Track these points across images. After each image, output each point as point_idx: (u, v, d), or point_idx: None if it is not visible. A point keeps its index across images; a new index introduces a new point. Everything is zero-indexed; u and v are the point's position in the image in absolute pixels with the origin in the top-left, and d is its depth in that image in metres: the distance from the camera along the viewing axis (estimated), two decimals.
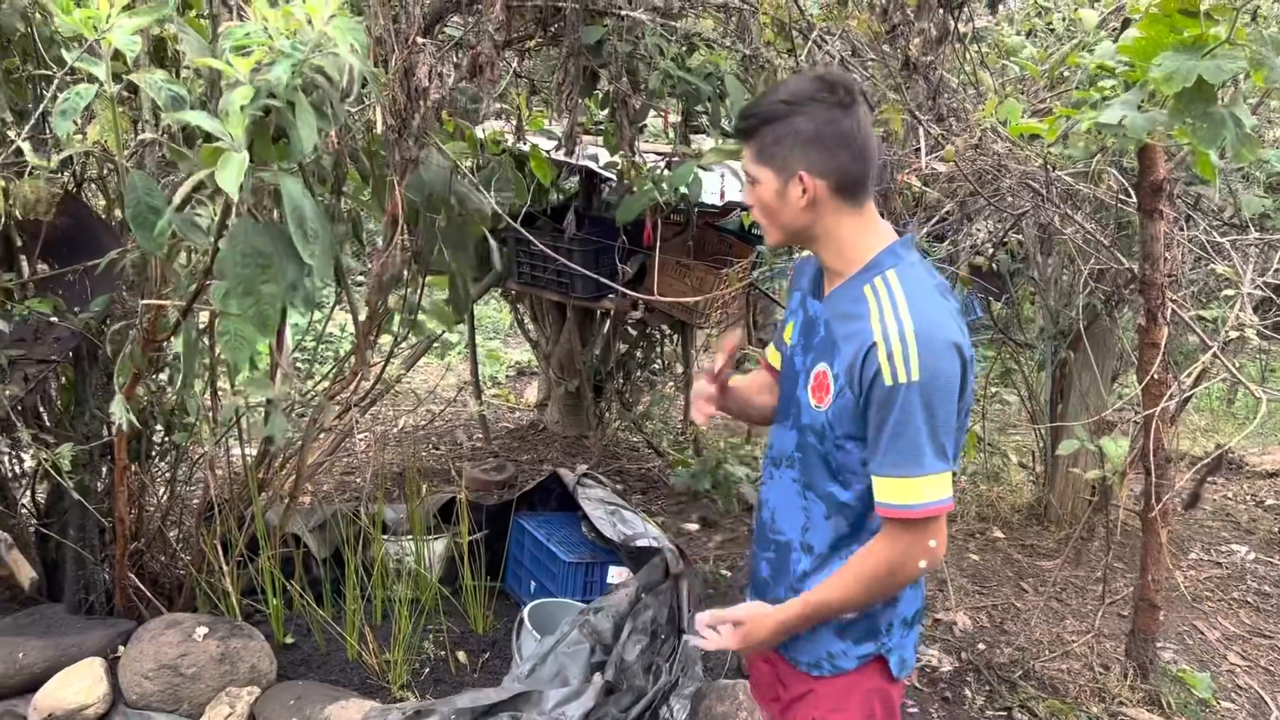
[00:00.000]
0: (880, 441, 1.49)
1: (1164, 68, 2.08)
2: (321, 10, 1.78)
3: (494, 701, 2.39)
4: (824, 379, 1.58)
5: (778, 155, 1.52)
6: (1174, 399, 2.75)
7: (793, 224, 1.57)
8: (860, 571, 1.56)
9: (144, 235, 2.04)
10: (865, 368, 1.48)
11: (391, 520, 3.41)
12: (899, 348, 1.45)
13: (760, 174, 1.55)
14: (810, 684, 1.71)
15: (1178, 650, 3.47)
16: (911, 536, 1.51)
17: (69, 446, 2.56)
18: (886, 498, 1.51)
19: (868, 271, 1.56)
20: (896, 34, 2.73)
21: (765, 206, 1.58)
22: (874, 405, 1.49)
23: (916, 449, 1.46)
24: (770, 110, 1.52)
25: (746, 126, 1.55)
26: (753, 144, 1.55)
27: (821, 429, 1.59)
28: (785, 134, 1.50)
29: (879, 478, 1.51)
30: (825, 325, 1.61)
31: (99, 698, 2.50)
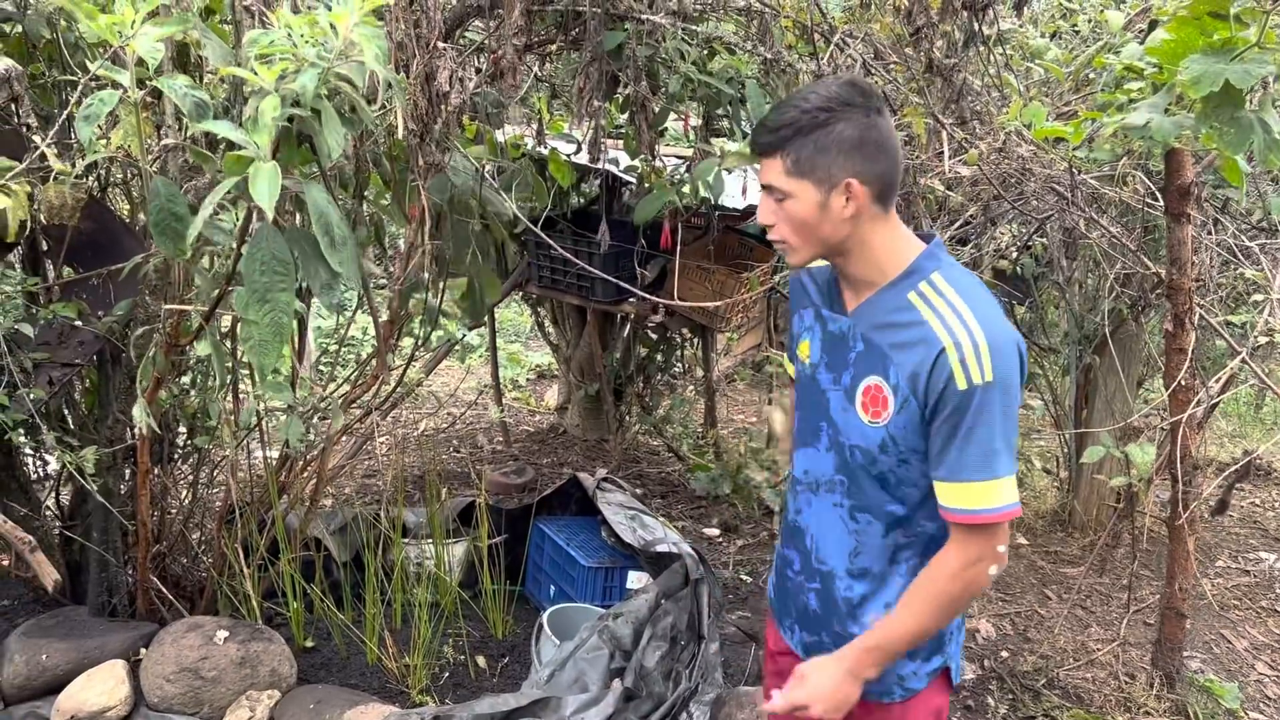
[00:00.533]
0: (952, 447, 1.45)
1: (1191, 71, 2.05)
2: (347, 18, 1.78)
3: (513, 708, 2.39)
4: (879, 393, 1.52)
5: (819, 165, 1.45)
6: (1201, 405, 2.71)
7: (832, 237, 1.50)
8: (932, 591, 1.51)
9: (166, 241, 2.04)
10: (935, 374, 1.44)
11: (412, 523, 3.42)
12: (970, 351, 1.42)
13: (795, 188, 1.46)
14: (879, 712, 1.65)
15: (1205, 659, 3.43)
16: (984, 542, 1.48)
17: (92, 449, 2.58)
18: (961, 503, 1.47)
19: (909, 278, 1.52)
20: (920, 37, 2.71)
21: (800, 222, 1.49)
22: (945, 411, 1.45)
23: (992, 452, 1.44)
24: (807, 120, 1.44)
25: (776, 139, 1.46)
26: (784, 157, 1.46)
27: (881, 445, 1.53)
28: (828, 143, 1.44)
29: (952, 484, 1.47)
30: (863, 339, 1.55)
31: (121, 700, 2.51)
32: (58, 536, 3.02)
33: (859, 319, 1.56)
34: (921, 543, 1.60)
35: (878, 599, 1.61)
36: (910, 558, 1.60)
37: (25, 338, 2.62)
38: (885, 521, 1.58)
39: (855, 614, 1.63)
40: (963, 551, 1.49)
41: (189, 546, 3.15)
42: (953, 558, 1.50)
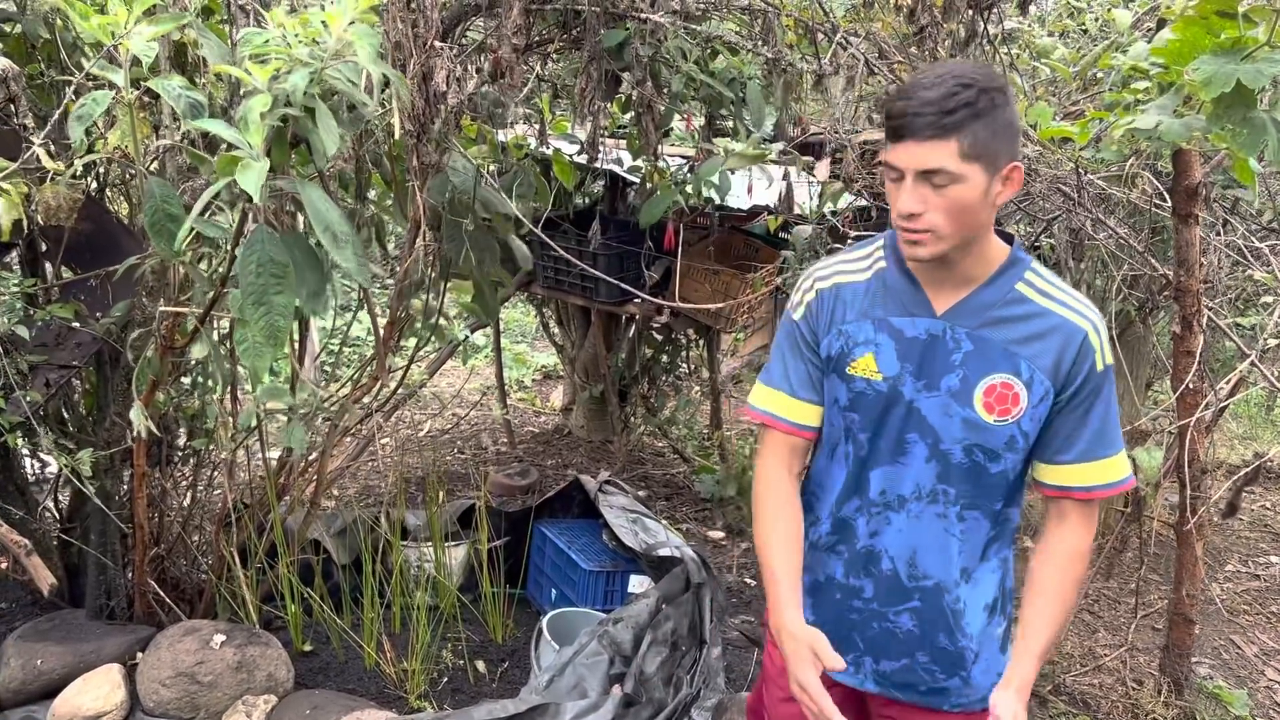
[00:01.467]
0: (1088, 427, 1.50)
1: (1202, 72, 2.02)
2: (340, 18, 1.76)
3: (511, 714, 2.36)
4: (1009, 390, 1.48)
5: (991, 149, 1.38)
6: (1210, 409, 2.67)
7: (982, 224, 1.45)
8: (1071, 578, 1.54)
9: (162, 242, 2.03)
10: (1080, 359, 1.47)
11: (413, 526, 3.40)
12: (1104, 334, 1.48)
13: (968, 171, 1.38)
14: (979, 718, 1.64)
15: (1214, 665, 3.39)
16: (1095, 515, 1.56)
17: (89, 452, 2.56)
18: (1097, 479, 1.51)
19: (1011, 270, 1.51)
20: (924, 36, 2.68)
21: (963, 208, 1.40)
22: (1083, 393, 1.48)
23: (1118, 425, 1.53)
24: (984, 102, 1.37)
25: (954, 121, 1.36)
26: (960, 139, 1.36)
27: (1008, 442, 1.50)
28: (1000, 126, 1.38)
29: (1086, 463, 1.51)
30: (969, 338, 1.50)
31: (116, 705, 2.49)
32: (56, 539, 3.01)
33: (956, 318, 1.51)
34: (1009, 534, 1.62)
35: (975, 603, 1.59)
36: (999, 550, 1.61)
37: (22, 339, 2.61)
38: (990, 518, 1.58)
39: (960, 624, 1.58)
40: (1086, 530, 1.55)
41: (188, 549, 3.14)
42: (1079, 539, 1.54)
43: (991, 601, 1.60)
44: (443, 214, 2.89)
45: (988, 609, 1.59)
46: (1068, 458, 1.51)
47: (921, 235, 1.42)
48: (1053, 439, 1.51)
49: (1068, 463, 1.51)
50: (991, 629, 1.60)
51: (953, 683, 1.61)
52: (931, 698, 1.63)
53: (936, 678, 1.61)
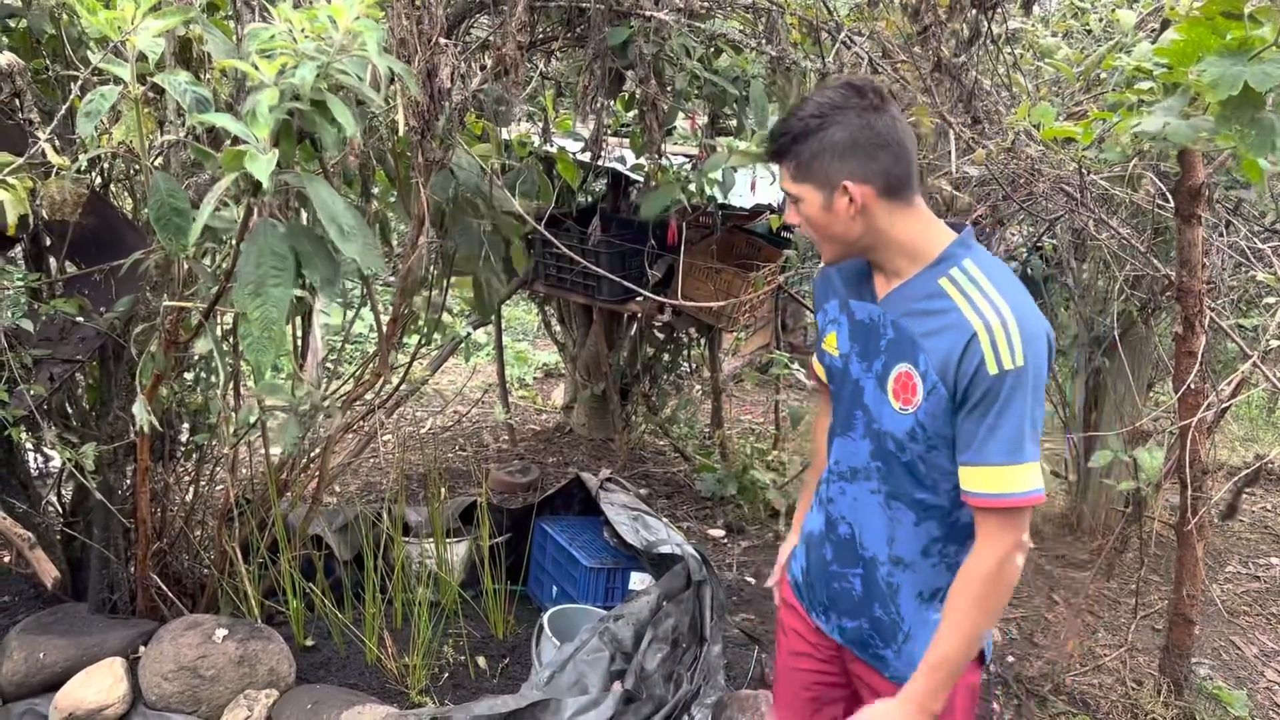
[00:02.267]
0: (981, 431, 1.47)
1: (1209, 73, 2.02)
2: (346, 13, 1.77)
3: (511, 709, 2.37)
4: (909, 379, 1.54)
5: (817, 170, 1.49)
6: (1212, 409, 2.67)
7: (846, 235, 1.55)
8: (971, 595, 1.51)
9: (167, 236, 2.03)
10: (966, 359, 1.46)
11: (414, 522, 3.40)
12: (1002, 335, 1.44)
13: (802, 191, 1.53)
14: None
15: (1214, 666, 3.39)
16: (1013, 527, 1.49)
17: (91, 446, 2.57)
18: (987, 487, 1.47)
19: (940, 264, 1.53)
20: (928, 35, 2.68)
21: (814, 223, 1.55)
22: (975, 396, 1.47)
23: (1020, 435, 1.46)
24: (800, 126, 1.49)
25: (779, 147, 1.52)
26: (789, 163, 1.52)
27: (910, 432, 1.55)
28: (821, 148, 1.48)
29: (979, 467, 1.48)
30: (893, 326, 1.57)
31: (119, 698, 2.50)
32: (59, 533, 3.01)
33: (888, 306, 1.58)
34: (960, 535, 1.61)
35: (910, 588, 1.64)
36: (946, 551, 1.62)
37: (26, 333, 2.62)
38: (916, 510, 1.60)
39: (895, 600, 1.65)
40: (993, 547, 1.50)
41: (190, 544, 3.14)
42: (986, 556, 1.50)
43: (930, 591, 1.63)
44: (446, 211, 2.89)
45: (920, 596, 1.64)
46: (965, 458, 1.50)
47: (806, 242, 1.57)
48: (957, 439, 1.52)
49: (966, 464, 1.50)
50: (926, 614, 1.64)
51: (888, 652, 1.69)
52: (875, 661, 1.72)
53: (877, 643, 1.70)
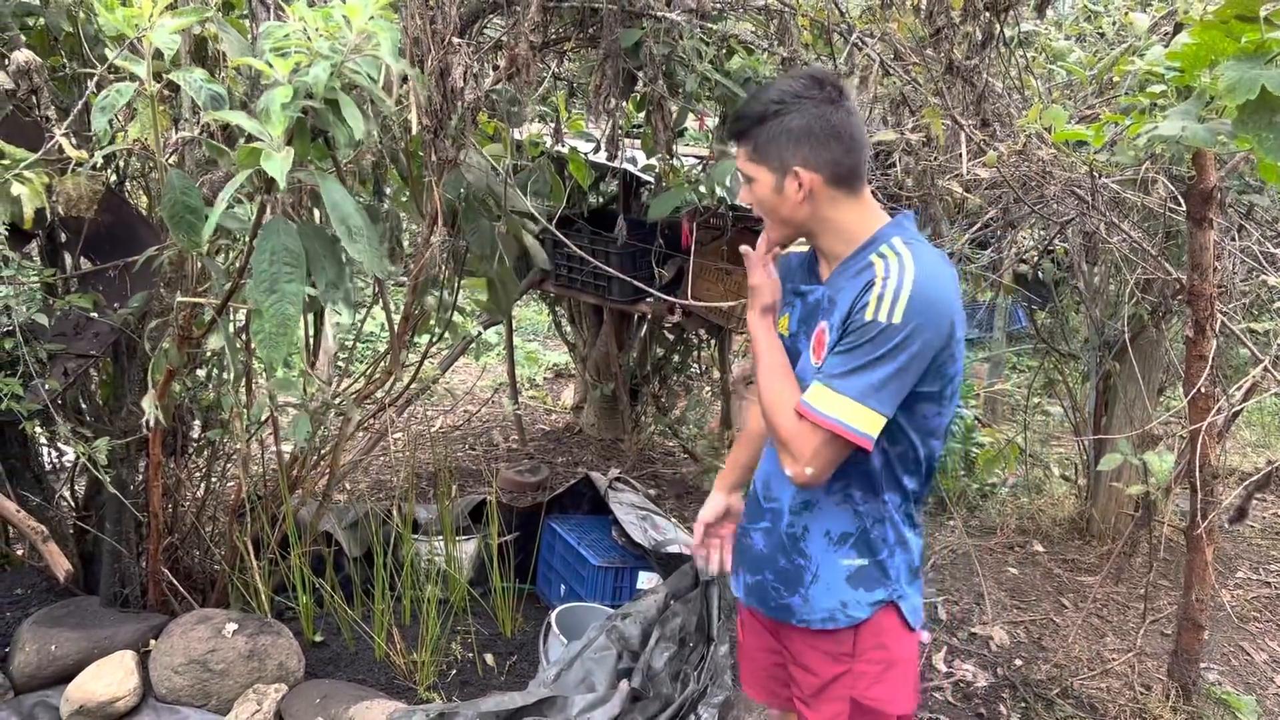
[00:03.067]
0: (838, 357, 1.54)
1: (1227, 77, 2.01)
2: (360, 12, 1.78)
3: (518, 706, 2.38)
4: (823, 335, 1.64)
5: (771, 153, 1.57)
6: (1222, 414, 2.67)
7: (793, 218, 1.63)
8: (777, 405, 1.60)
9: (180, 233, 2.05)
10: (858, 300, 1.54)
11: (424, 520, 3.42)
12: (891, 291, 1.50)
13: (756, 172, 1.61)
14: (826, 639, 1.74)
15: (1223, 672, 3.38)
16: (806, 439, 1.55)
17: (104, 441, 2.59)
18: (819, 405, 1.54)
19: (872, 244, 1.61)
20: (940, 37, 2.68)
21: (764, 203, 1.63)
22: (850, 330, 1.54)
23: (864, 379, 1.51)
24: (761, 110, 1.57)
25: (740, 129, 1.60)
26: (746, 144, 1.60)
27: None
28: (778, 132, 1.56)
29: (817, 383, 1.55)
30: (831, 300, 1.64)
31: (129, 691, 2.51)
32: (72, 527, 3.03)
33: (830, 285, 1.66)
34: (865, 481, 1.67)
35: (818, 529, 1.71)
36: (850, 493, 1.68)
37: (41, 328, 2.64)
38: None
39: (799, 547, 1.72)
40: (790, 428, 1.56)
41: (201, 539, 3.16)
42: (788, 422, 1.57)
43: (839, 534, 1.70)
44: (459, 210, 2.91)
45: (829, 536, 1.70)
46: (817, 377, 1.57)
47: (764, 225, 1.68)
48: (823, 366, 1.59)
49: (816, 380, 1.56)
50: (833, 555, 1.70)
51: (794, 600, 1.75)
52: (779, 613, 1.79)
53: (781, 594, 1.76)
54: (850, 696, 1.74)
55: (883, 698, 1.74)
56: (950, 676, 3.24)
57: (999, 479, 4.97)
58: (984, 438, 5.01)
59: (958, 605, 3.75)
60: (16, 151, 2.26)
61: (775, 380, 1.65)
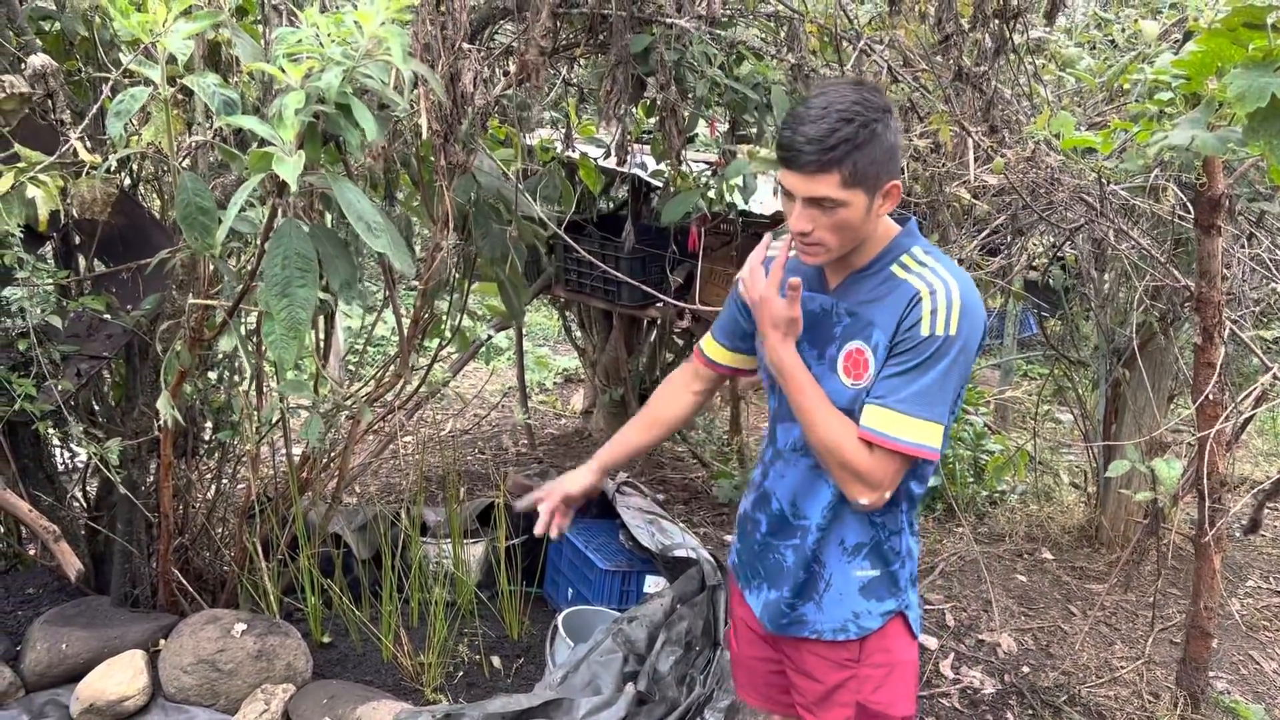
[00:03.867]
0: (898, 378, 1.54)
1: (1236, 86, 2.02)
2: (372, 18, 1.80)
3: (525, 707, 2.39)
4: (860, 355, 1.61)
5: (870, 175, 1.50)
6: (1230, 421, 2.66)
7: (865, 233, 1.59)
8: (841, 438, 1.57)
9: (193, 235, 2.07)
10: (907, 317, 1.54)
11: (432, 523, 3.43)
12: (943, 302, 1.52)
13: (851, 197, 1.51)
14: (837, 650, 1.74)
15: (1231, 681, 3.36)
16: (883, 467, 1.56)
17: (116, 441, 2.61)
18: (885, 428, 1.54)
19: (889, 254, 1.62)
20: (949, 44, 2.69)
21: (848, 226, 1.54)
22: (904, 349, 1.54)
23: (931, 395, 1.53)
24: (863, 135, 1.48)
25: (832, 158, 1.47)
26: (840, 171, 1.48)
27: (852, 401, 1.61)
28: (879, 153, 1.50)
29: (883, 408, 1.55)
30: (847, 313, 1.64)
31: (139, 690, 2.53)
32: (83, 528, 3.06)
33: (842, 295, 1.65)
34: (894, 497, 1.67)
35: (834, 538, 1.71)
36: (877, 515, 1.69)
37: (55, 329, 2.66)
38: None
39: (818, 556, 1.72)
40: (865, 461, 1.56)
41: (211, 540, 3.18)
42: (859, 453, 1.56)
43: (853, 544, 1.71)
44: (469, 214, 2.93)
45: (843, 545, 1.71)
46: (874, 396, 1.56)
47: (813, 248, 1.58)
48: (874, 387, 1.58)
49: (872, 402, 1.56)
50: (846, 565, 1.71)
51: (807, 609, 1.75)
52: (791, 628, 1.78)
53: (796, 608, 1.76)
54: (856, 701, 1.75)
55: (886, 701, 1.75)
56: (957, 683, 3.24)
57: (1008, 486, 4.97)
58: (994, 445, 5.00)
59: (965, 612, 3.74)
60: (32, 154, 2.28)
61: (828, 415, 1.60)
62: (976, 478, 4.89)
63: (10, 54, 2.64)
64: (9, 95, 2.47)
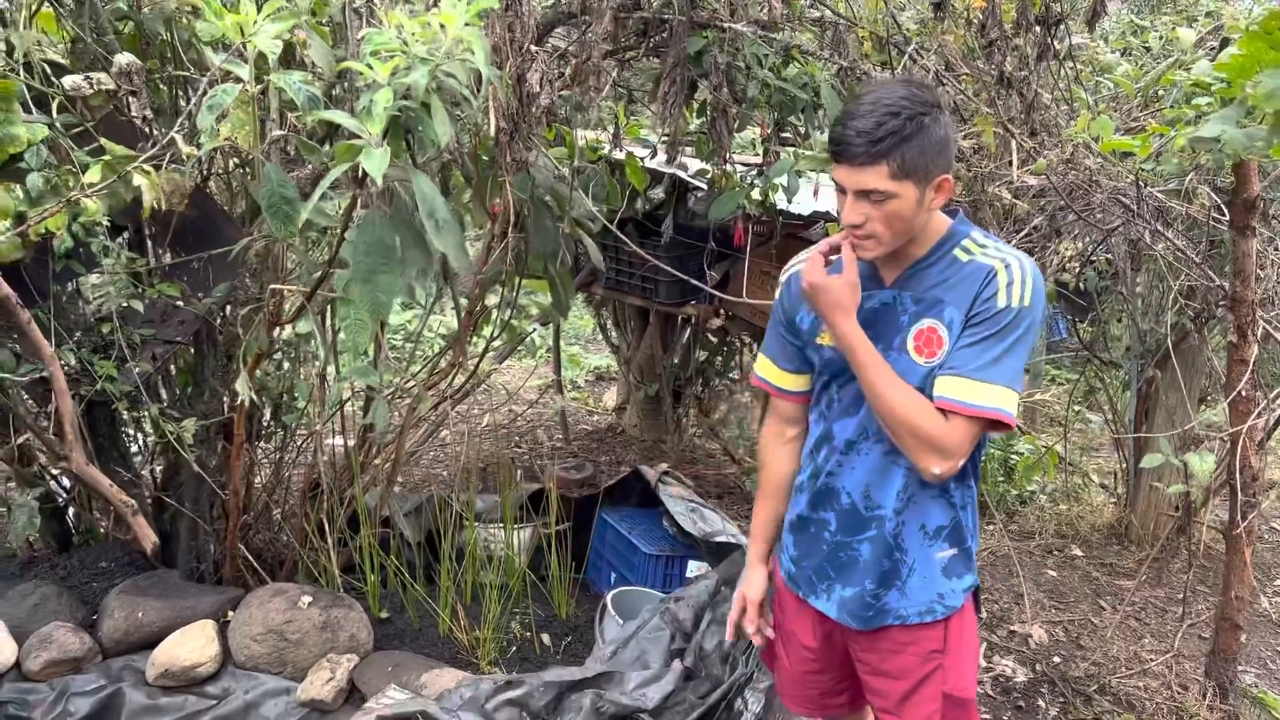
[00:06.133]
0: (976, 348, 1.60)
1: (1264, 86, 2.11)
2: (455, 20, 1.92)
3: (579, 678, 2.50)
4: (934, 333, 1.66)
5: (920, 167, 1.56)
6: (1262, 417, 2.74)
7: (917, 226, 1.65)
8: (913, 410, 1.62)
9: (277, 223, 2.19)
10: (984, 290, 1.61)
11: (479, 509, 3.55)
12: (1018, 275, 1.60)
13: (901, 189, 1.57)
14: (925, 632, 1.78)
15: (1259, 674, 3.43)
16: (957, 434, 1.61)
17: (192, 421, 2.74)
18: (955, 393, 1.60)
19: (948, 241, 1.69)
20: (992, 50, 2.78)
21: (900, 218, 1.60)
22: (981, 320, 1.61)
23: (1007, 364, 1.60)
24: (911, 128, 1.54)
25: (883, 148, 1.54)
26: (889, 163, 1.54)
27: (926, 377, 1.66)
28: (928, 146, 1.55)
29: (963, 377, 1.60)
30: (913, 300, 1.69)
31: (210, 657, 2.66)
32: (151, 505, 3.19)
33: (905, 286, 1.71)
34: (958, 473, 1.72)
35: (914, 523, 1.75)
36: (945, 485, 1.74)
37: (134, 313, 2.80)
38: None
39: (899, 543, 1.76)
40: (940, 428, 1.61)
41: (271, 520, 3.32)
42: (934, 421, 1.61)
43: (934, 527, 1.75)
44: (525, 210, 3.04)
45: (924, 530, 1.75)
46: (951, 366, 1.62)
47: (866, 241, 1.64)
48: (950, 359, 1.64)
49: (950, 372, 1.62)
50: (929, 550, 1.76)
51: (890, 596, 1.78)
52: (875, 620, 1.80)
53: (880, 597, 1.78)
54: (943, 693, 1.79)
55: (964, 686, 1.80)
56: (990, 671, 3.33)
57: (1038, 486, 5.04)
58: (1024, 445, 5.07)
59: (997, 604, 3.82)
60: (116, 148, 2.42)
61: (898, 387, 1.63)
62: (1006, 477, 4.96)
63: (93, 53, 2.79)
64: (96, 91, 2.61)
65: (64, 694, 2.56)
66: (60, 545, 3.20)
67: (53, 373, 2.46)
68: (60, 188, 2.41)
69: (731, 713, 2.70)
